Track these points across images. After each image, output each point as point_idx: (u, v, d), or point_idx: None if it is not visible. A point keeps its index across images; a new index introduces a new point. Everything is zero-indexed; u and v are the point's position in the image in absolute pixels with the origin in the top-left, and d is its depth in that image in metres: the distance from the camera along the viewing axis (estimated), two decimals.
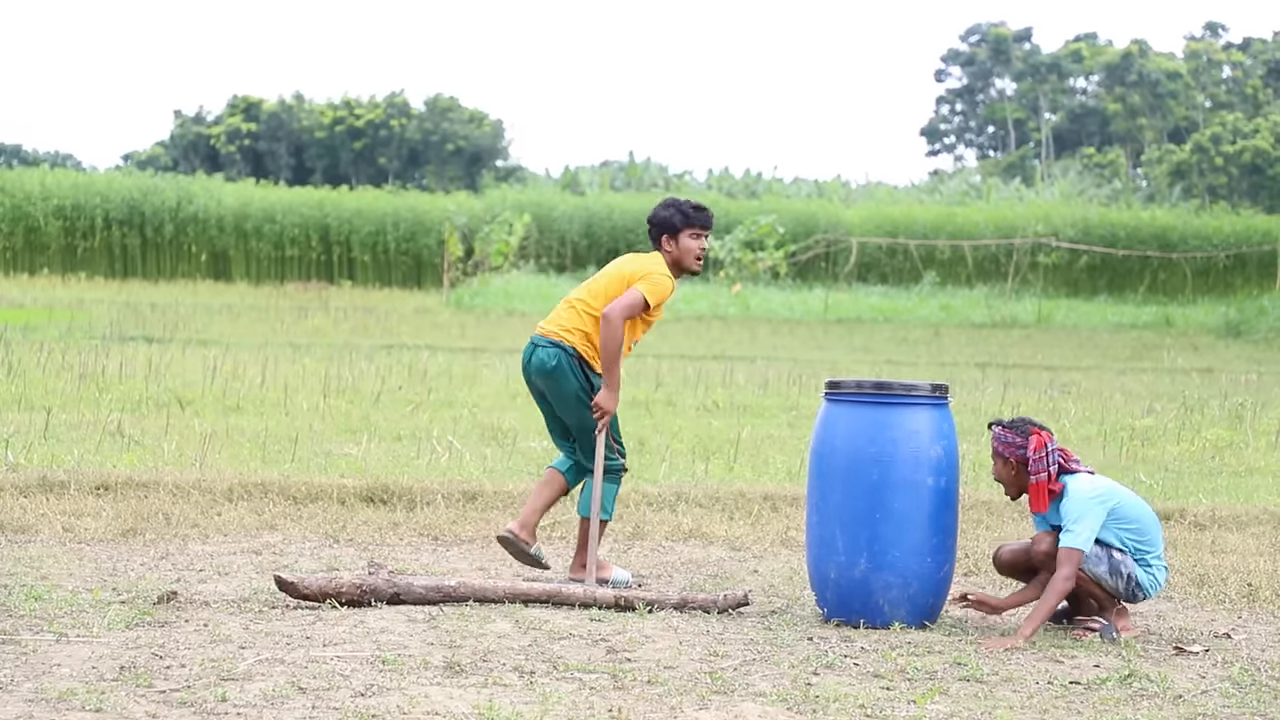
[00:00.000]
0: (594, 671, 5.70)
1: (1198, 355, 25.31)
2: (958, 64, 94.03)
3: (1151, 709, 5.40)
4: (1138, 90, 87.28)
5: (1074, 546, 6.51)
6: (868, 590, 6.65)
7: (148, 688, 5.30)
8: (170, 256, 43.29)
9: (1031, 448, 6.66)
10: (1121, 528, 6.65)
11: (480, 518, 8.96)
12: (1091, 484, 6.65)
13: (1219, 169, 77.10)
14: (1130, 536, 6.67)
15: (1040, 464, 6.65)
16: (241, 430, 12.04)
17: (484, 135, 79.63)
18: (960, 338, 28.17)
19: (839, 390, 6.90)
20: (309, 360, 17.98)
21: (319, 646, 5.94)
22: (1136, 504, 6.77)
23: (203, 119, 79.63)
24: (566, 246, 44.21)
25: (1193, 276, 42.66)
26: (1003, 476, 6.80)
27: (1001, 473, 6.79)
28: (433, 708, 5.12)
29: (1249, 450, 12.77)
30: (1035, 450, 6.65)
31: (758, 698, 5.41)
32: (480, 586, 6.83)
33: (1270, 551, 8.57)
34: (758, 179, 58.65)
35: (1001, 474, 6.80)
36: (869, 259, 43.46)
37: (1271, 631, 6.78)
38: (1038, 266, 42.54)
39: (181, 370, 16.06)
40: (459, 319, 28.92)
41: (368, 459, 10.81)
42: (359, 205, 44.80)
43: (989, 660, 6.06)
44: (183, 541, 8.21)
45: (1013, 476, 6.75)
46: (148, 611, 6.45)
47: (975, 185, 62.07)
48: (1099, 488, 6.65)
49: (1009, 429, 6.75)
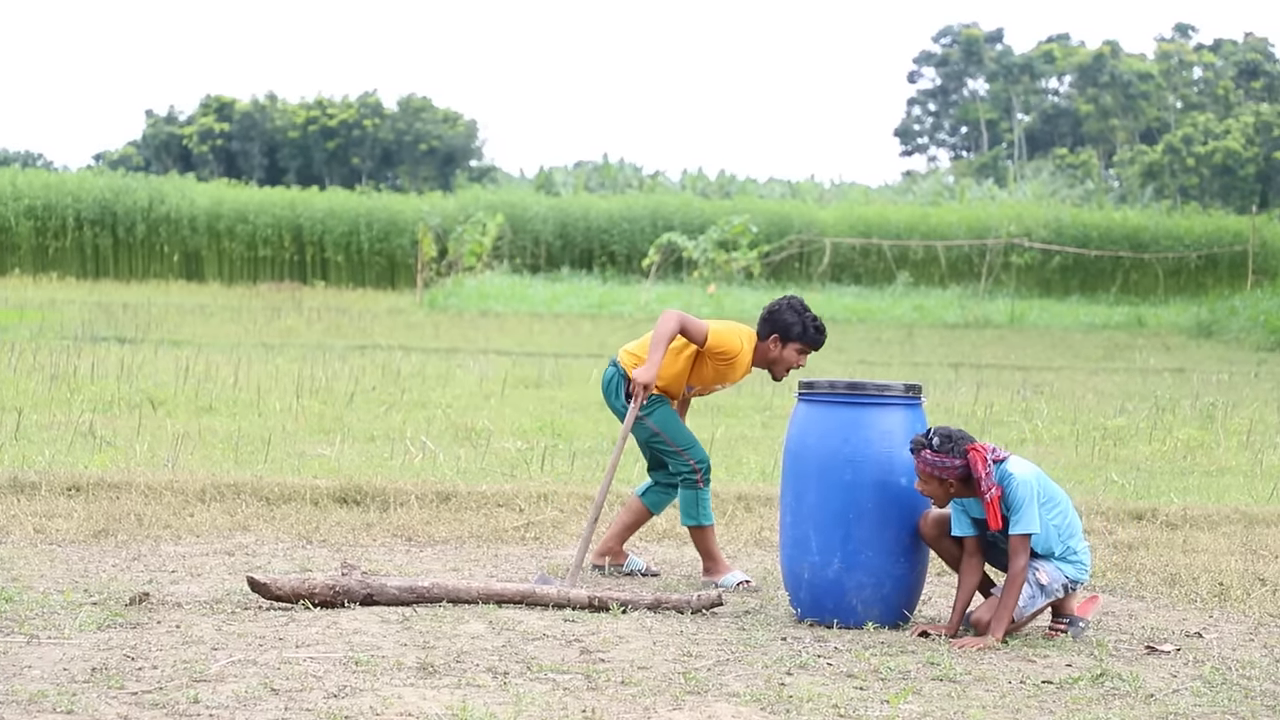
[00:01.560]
0: (568, 672, 5.69)
1: (1169, 355, 25.40)
2: (930, 65, 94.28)
3: (1123, 708, 5.42)
4: (1109, 91, 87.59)
5: (1027, 531, 6.42)
6: (841, 590, 6.67)
7: (119, 689, 5.28)
8: (142, 257, 43.13)
9: (975, 465, 6.41)
10: (1048, 511, 6.53)
11: (454, 518, 8.95)
12: (1020, 465, 6.55)
13: (1190, 169, 77.43)
14: (1056, 520, 6.54)
15: (989, 480, 6.42)
16: (214, 431, 12.01)
17: (457, 135, 79.55)
18: (933, 338, 28.23)
19: (812, 390, 6.91)
20: (282, 360, 17.94)
21: (292, 648, 5.93)
22: (1051, 482, 6.69)
23: (175, 119, 79.40)
24: (540, 247, 44.17)
25: (1164, 277, 42.82)
26: (934, 493, 6.52)
27: (934, 491, 6.51)
28: (406, 709, 5.12)
29: (1220, 450, 12.82)
30: (982, 468, 6.41)
31: (731, 698, 5.42)
32: (454, 587, 6.82)
33: (1241, 551, 8.61)
34: (731, 179, 58.70)
35: (933, 492, 6.52)
36: (842, 259, 43.52)
37: (1242, 630, 6.81)
38: (1010, 267, 42.64)
39: (154, 371, 16.00)
40: (433, 319, 28.87)
41: (341, 460, 10.79)
42: (332, 205, 44.69)
43: (962, 660, 6.08)
44: (155, 542, 8.19)
45: (947, 492, 6.49)
46: (119, 613, 6.42)
47: (948, 186, 62.24)
48: (1027, 468, 6.55)
49: (940, 453, 6.41)
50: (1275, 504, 10.06)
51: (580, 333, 26.61)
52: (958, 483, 6.46)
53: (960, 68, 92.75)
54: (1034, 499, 6.46)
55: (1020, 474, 6.50)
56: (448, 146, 78.81)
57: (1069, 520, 6.63)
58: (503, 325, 27.93)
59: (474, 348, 22.18)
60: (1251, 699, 5.59)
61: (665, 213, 44.47)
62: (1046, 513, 6.53)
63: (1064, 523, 6.60)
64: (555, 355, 20.91)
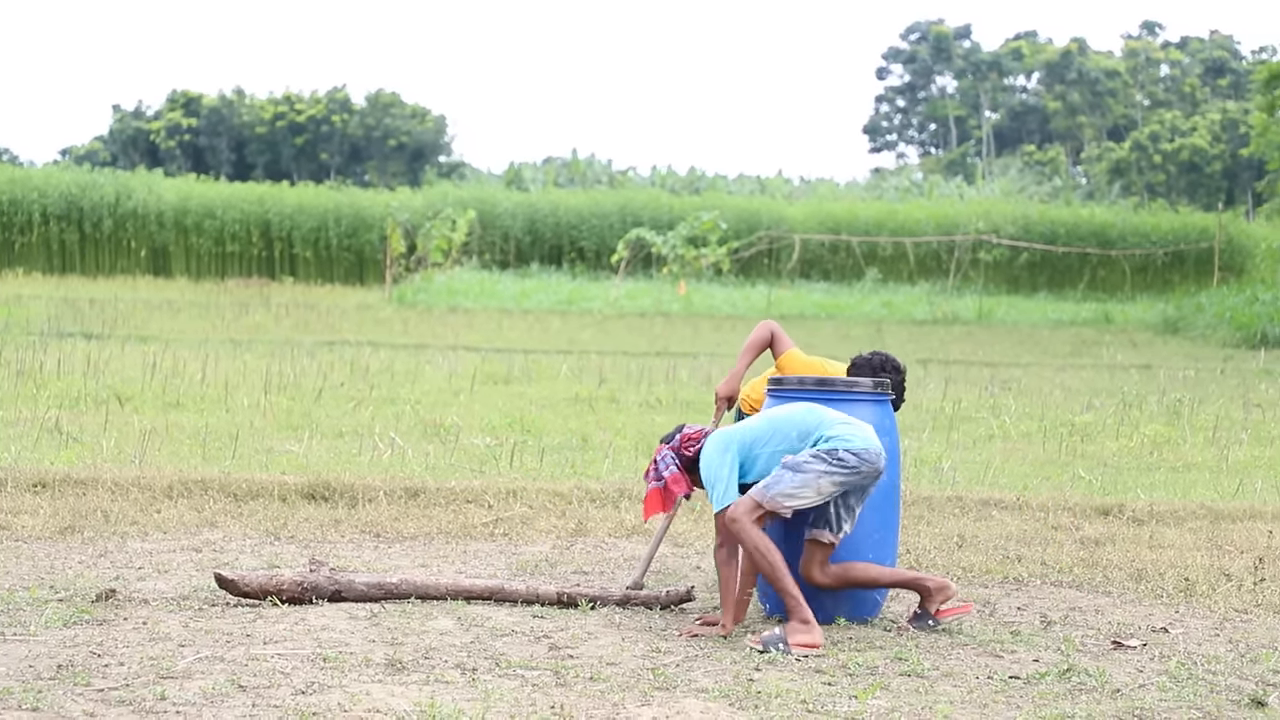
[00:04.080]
0: (536, 668, 5.69)
1: (1136, 352, 25.52)
2: (899, 62, 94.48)
3: (1090, 703, 5.44)
4: (1077, 88, 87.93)
5: (723, 506, 6.36)
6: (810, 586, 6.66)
7: (86, 686, 5.25)
8: (109, 252, 42.91)
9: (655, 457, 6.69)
10: (766, 449, 6.43)
11: (422, 514, 8.93)
12: (714, 439, 6.53)
13: (1157, 167, 77.78)
14: (779, 447, 6.42)
15: (656, 470, 6.66)
16: (181, 427, 11.96)
17: (426, 131, 79.42)
18: (902, 334, 28.29)
19: (782, 387, 6.92)
20: (250, 357, 17.88)
21: (259, 644, 5.91)
22: (767, 416, 6.59)
23: (142, 114, 79.07)
24: (510, 243, 44.12)
25: (1131, 273, 43.01)
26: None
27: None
28: (374, 705, 5.10)
29: (1186, 446, 12.89)
30: (654, 463, 6.71)
31: (700, 694, 5.42)
32: (422, 583, 6.81)
33: (1207, 546, 8.66)
34: (701, 176, 58.72)
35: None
36: (811, 256, 43.58)
37: (1208, 625, 6.84)
38: (979, 263, 42.78)
39: (121, 367, 15.93)
40: (401, 315, 28.81)
41: (309, 456, 10.76)
42: (300, 201, 44.54)
43: (930, 655, 6.09)
44: (122, 539, 8.15)
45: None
46: (86, 609, 6.39)
47: (917, 182, 62.40)
48: (720, 437, 6.52)
49: (663, 442, 6.79)
50: (1240, 499, 10.12)
51: (549, 329, 26.59)
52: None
53: (928, 65, 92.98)
54: (720, 471, 6.38)
55: (706, 448, 6.53)
56: (416, 142, 78.68)
57: (797, 429, 6.42)
58: (472, 321, 27.88)
59: (443, 344, 22.14)
60: (1217, 693, 5.62)
61: (634, 209, 44.46)
62: (765, 447, 6.42)
63: (793, 438, 6.41)
64: (524, 351, 20.89)
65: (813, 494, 6.29)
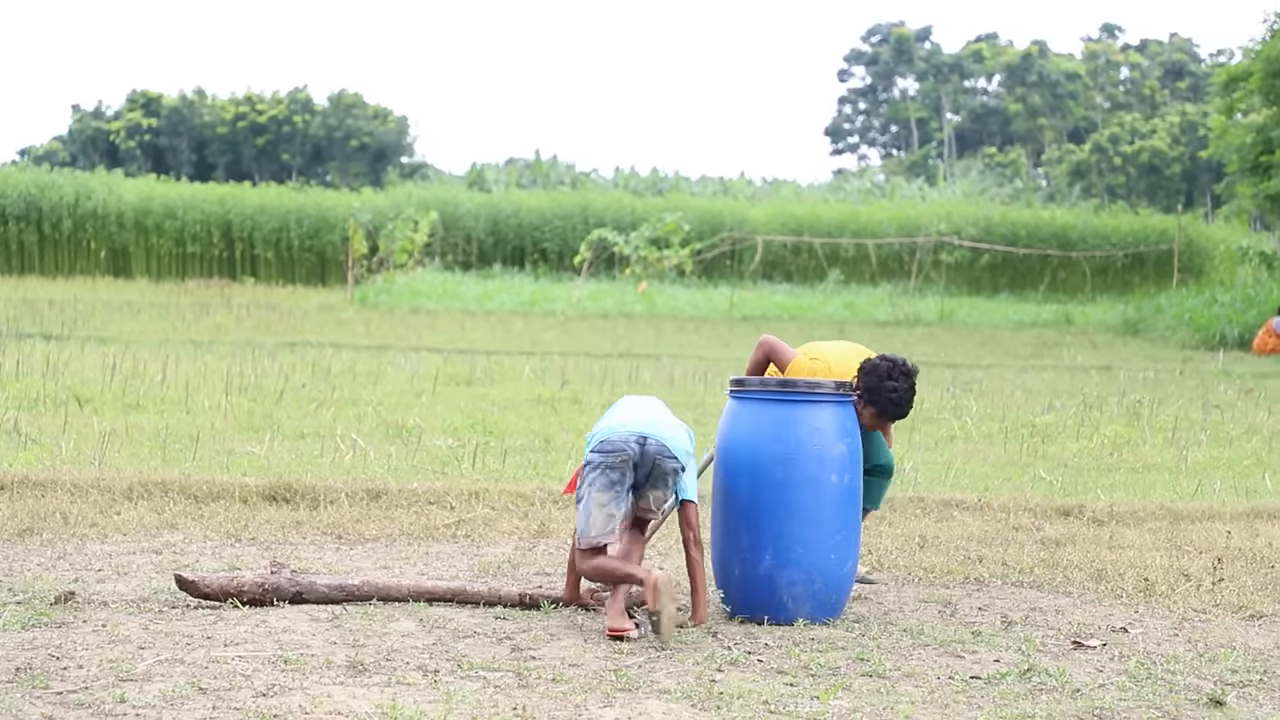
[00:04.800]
0: (498, 670, 5.68)
1: (1097, 353, 25.65)
2: (860, 64, 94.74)
3: (1050, 703, 5.46)
4: (1038, 90, 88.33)
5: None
6: (772, 587, 6.68)
7: (44, 689, 5.22)
8: (68, 253, 42.70)
9: None
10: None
11: (384, 516, 8.91)
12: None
13: (1117, 169, 78.23)
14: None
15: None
16: (141, 429, 11.90)
17: (388, 132, 79.28)
18: (864, 335, 28.35)
19: (744, 388, 6.93)
20: (211, 358, 17.80)
21: (220, 646, 5.89)
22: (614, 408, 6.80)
23: (102, 114, 78.69)
24: (472, 244, 44.08)
25: (1092, 275, 43.25)
26: None
27: None
28: (335, 707, 5.09)
29: (1146, 447, 12.96)
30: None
31: (662, 695, 5.42)
32: (384, 585, 6.80)
33: (1166, 547, 8.70)
34: (664, 177, 58.79)
35: None
36: (774, 257, 43.68)
37: (1167, 625, 6.88)
38: (940, 265, 42.95)
39: (80, 368, 15.84)
40: (364, 316, 28.75)
41: (270, 457, 10.71)
42: (262, 201, 44.40)
43: (891, 656, 6.11)
44: (81, 541, 8.10)
45: None
46: (45, 612, 6.36)
47: (879, 184, 62.65)
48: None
49: None
50: (1199, 500, 10.18)
51: (512, 330, 26.56)
52: None
53: (890, 67, 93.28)
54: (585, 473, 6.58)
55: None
56: (379, 143, 78.51)
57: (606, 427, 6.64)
58: (434, 322, 27.83)
59: (405, 345, 22.09)
60: (1176, 693, 5.65)
61: (597, 210, 44.48)
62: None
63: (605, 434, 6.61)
64: (487, 353, 20.86)
65: (597, 510, 6.46)
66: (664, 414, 6.75)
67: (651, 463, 6.52)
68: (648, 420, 6.61)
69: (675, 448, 6.56)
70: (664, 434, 6.57)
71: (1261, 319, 27.61)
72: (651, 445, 6.51)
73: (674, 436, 6.60)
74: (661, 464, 6.53)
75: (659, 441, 6.52)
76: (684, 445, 6.62)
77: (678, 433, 6.66)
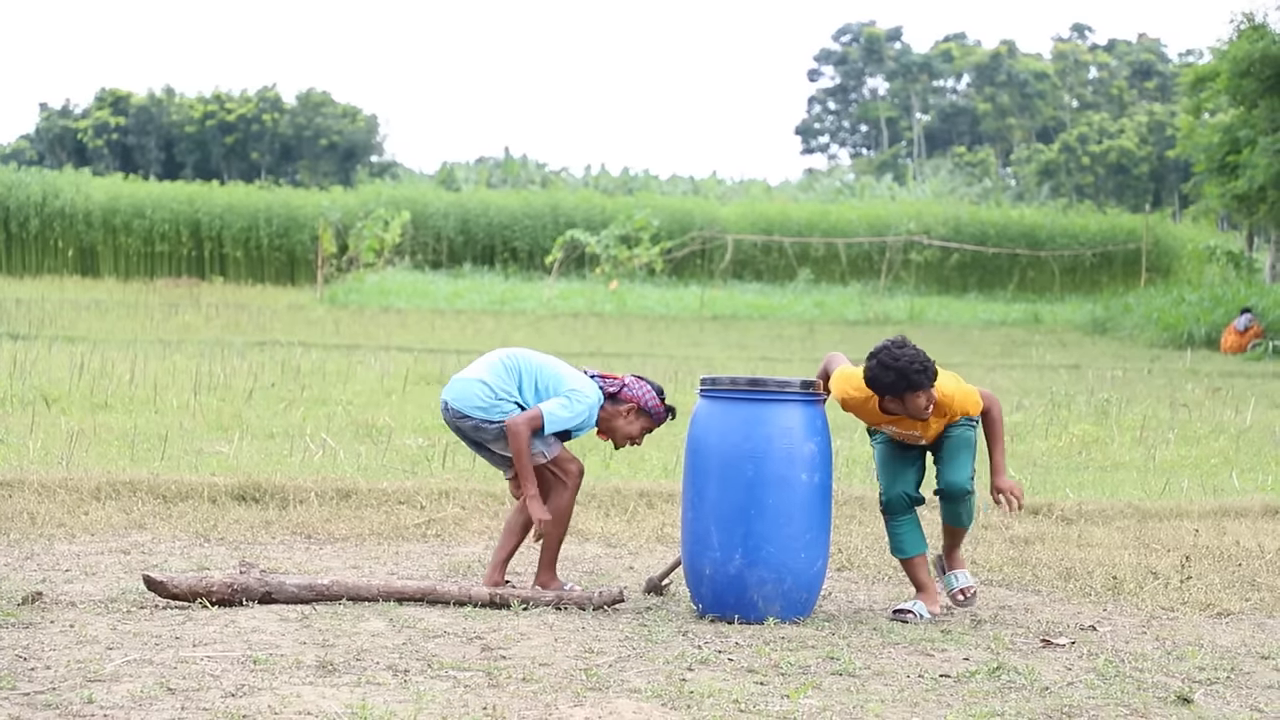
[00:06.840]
0: (469, 669, 5.68)
1: (1065, 352, 25.74)
2: (830, 63, 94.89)
3: (1019, 701, 5.48)
4: (1007, 90, 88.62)
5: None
6: (742, 586, 6.69)
7: (11, 690, 5.19)
8: (36, 252, 42.49)
9: None
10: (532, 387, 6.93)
11: (354, 515, 8.89)
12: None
13: (1085, 168, 78.54)
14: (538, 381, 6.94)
15: None
16: (110, 428, 11.85)
17: (358, 131, 79.11)
18: (834, 334, 28.41)
19: (714, 387, 6.93)
20: (179, 357, 17.74)
21: (188, 647, 5.87)
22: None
23: (69, 112, 78.34)
24: (442, 243, 44.02)
25: (1060, 274, 43.42)
26: None
27: None
28: (304, 707, 5.08)
29: (1114, 445, 13.01)
30: None
31: (633, 694, 5.43)
32: (354, 585, 6.78)
33: (1134, 545, 8.74)
34: (634, 176, 58.82)
35: None
36: (744, 256, 43.73)
37: (1135, 623, 6.91)
38: (910, 264, 43.06)
39: (47, 367, 15.76)
40: (333, 315, 28.67)
41: (239, 457, 10.68)
42: (231, 200, 44.26)
43: (861, 654, 6.12)
44: (48, 541, 8.07)
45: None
46: (12, 613, 6.32)
47: (849, 183, 62.79)
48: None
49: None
50: (1167, 498, 10.22)
51: (483, 329, 26.53)
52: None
53: (860, 66, 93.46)
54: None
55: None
56: (348, 142, 78.34)
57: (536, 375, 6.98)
58: (404, 321, 27.78)
59: (375, 344, 22.05)
60: (1144, 691, 5.68)
61: (567, 209, 44.47)
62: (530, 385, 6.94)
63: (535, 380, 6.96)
64: (457, 352, 20.83)
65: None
66: (473, 368, 6.97)
67: (455, 426, 6.88)
68: (451, 383, 6.93)
69: (466, 406, 6.82)
70: (454, 394, 6.86)
71: (1228, 318, 27.75)
72: (447, 414, 6.89)
73: (464, 394, 6.84)
74: (460, 425, 6.86)
75: (449, 407, 6.86)
76: (475, 400, 6.82)
77: (470, 388, 6.84)
